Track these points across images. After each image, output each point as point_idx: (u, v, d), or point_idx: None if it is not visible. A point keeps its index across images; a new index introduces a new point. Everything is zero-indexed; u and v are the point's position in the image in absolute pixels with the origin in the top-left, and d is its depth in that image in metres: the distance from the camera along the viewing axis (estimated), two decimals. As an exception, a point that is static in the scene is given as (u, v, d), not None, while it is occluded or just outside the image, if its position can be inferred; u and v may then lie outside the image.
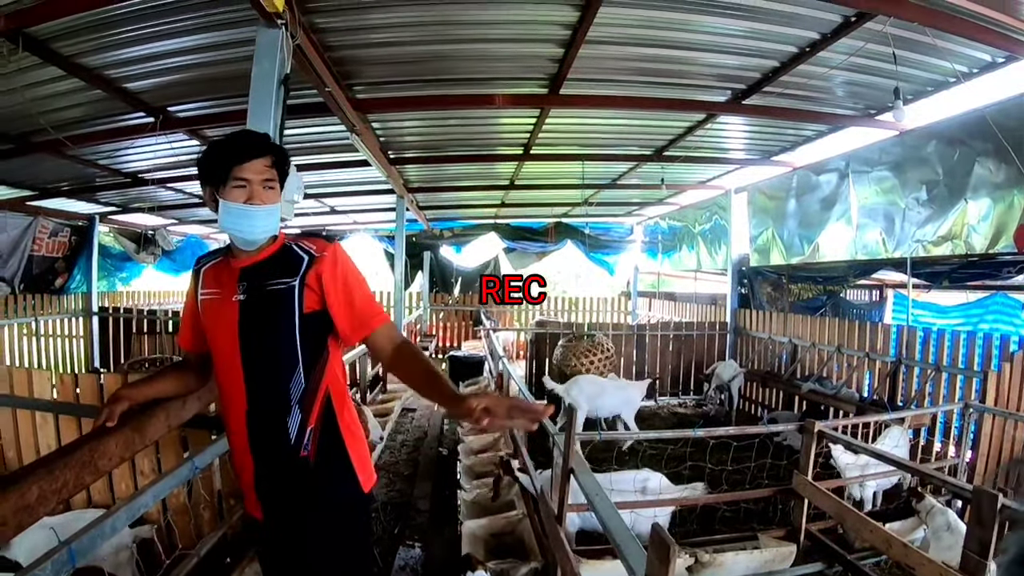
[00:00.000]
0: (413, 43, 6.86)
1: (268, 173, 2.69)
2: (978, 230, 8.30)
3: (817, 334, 11.71)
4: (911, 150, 9.35)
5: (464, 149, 11.68)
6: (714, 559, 5.46)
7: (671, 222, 19.52)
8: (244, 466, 2.79)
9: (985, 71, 7.37)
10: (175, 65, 6.95)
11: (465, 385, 11.54)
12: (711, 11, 6.21)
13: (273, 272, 2.73)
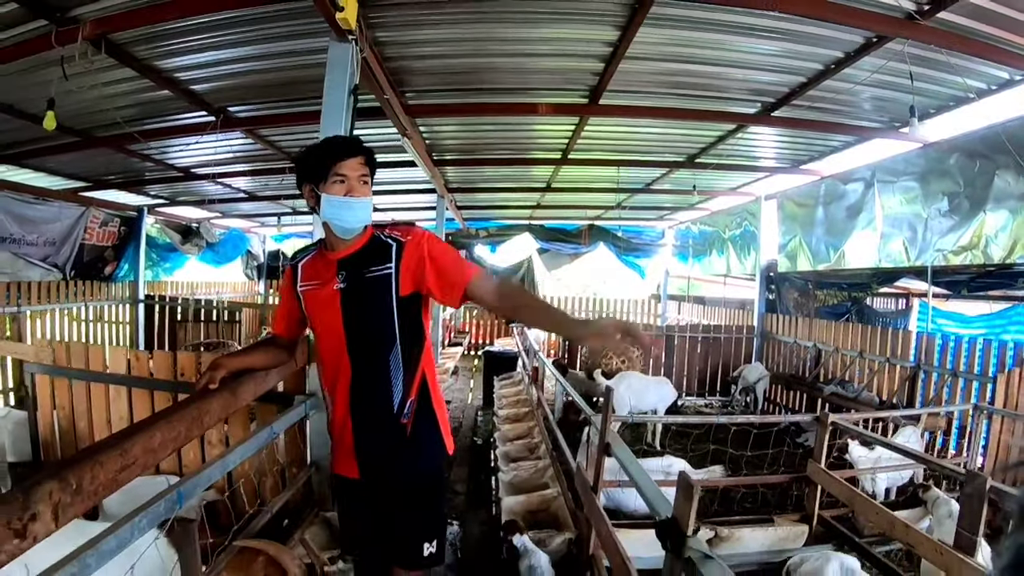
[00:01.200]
0: (461, 56, 7.35)
1: (363, 170, 3.10)
2: (996, 241, 8.56)
3: (841, 339, 12.02)
4: (934, 162, 9.61)
5: (501, 152, 12.10)
6: (732, 533, 5.95)
7: (702, 227, 19.66)
8: (345, 431, 3.18)
9: (1003, 88, 7.71)
10: (238, 71, 7.46)
11: (499, 380, 11.87)
12: (742, 32, 6.64)
13: (369, 261, 3.13)
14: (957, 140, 9.14)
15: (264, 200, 16.21)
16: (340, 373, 3.16)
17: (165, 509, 3.05)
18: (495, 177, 14.90)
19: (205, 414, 3.28)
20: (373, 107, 7.62)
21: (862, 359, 11.26)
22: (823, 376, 12.24)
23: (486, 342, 20.77)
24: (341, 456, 3.25)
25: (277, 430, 4.53)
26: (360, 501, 3.28)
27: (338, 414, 3.21)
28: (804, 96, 8.30)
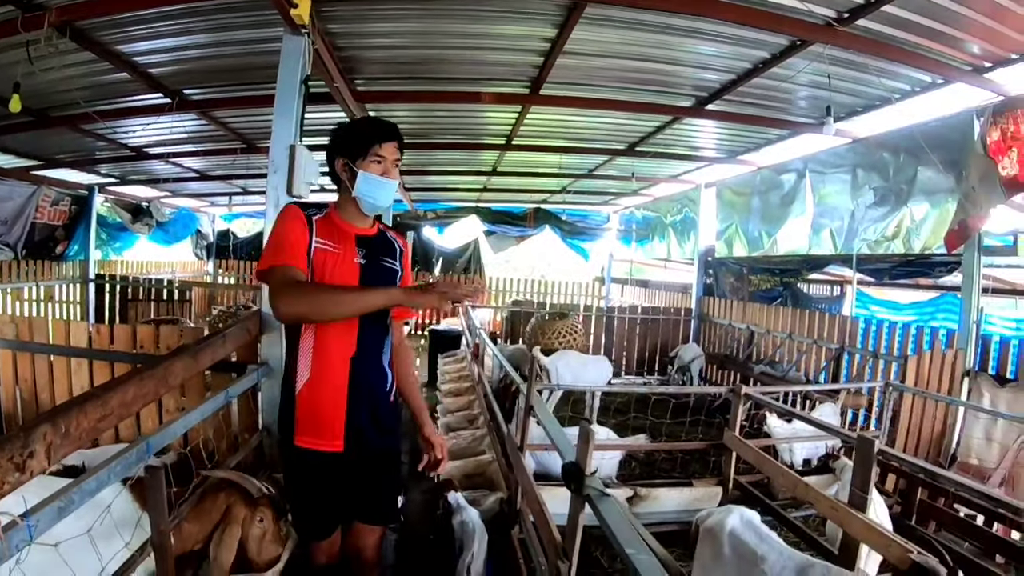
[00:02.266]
0: (410, 47, 7.74)
1: (397, 155, 3.33)
2: (917, 232, 9.08)
3: (772, 322, 12.61)
4: (862, 156, 10.15)
5: (450, 137, 12.40)
6: (650, 493, 6.48)
7: (645, 212, 20.16)
8: (337, 405, 3.25)
9: (927, 90, 8.27)
10: (196, 56, 7.74)
11: (444, 357, 12.18)
12: (674, 32, 7.09)
13: (383, 250, 3.46)
14: (884, 137, 9.68)
15: (215, 180, 16.28)
16: (344, 346, 3.27)
17: (136, 457, 3.35)
18: (444, 161, 15.16)
19: (170, 374, 3.67)
20: (323, 93, 7.89)
21: (791, 340, 11.83)
22: (755, 356, 12.80)
23: (432, 322, 20.94)
24: (321, 430, 3.26)
25: (232, 395, 4.85)
26: (335, 474, 3.33)
27: (330, 386, 3.26)
28: (735, 92, 8.78)
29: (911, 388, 7.89)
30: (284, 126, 5.54)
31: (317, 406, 3.26)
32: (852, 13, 6.40)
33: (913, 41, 6.92)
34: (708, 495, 6.72)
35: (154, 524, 3.29)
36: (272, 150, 5.49)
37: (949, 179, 8.32)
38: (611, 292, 23.60)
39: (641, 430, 8.04)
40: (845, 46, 6.80)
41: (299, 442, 3.26)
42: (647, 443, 7.48)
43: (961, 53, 7.16)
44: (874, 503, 4.85)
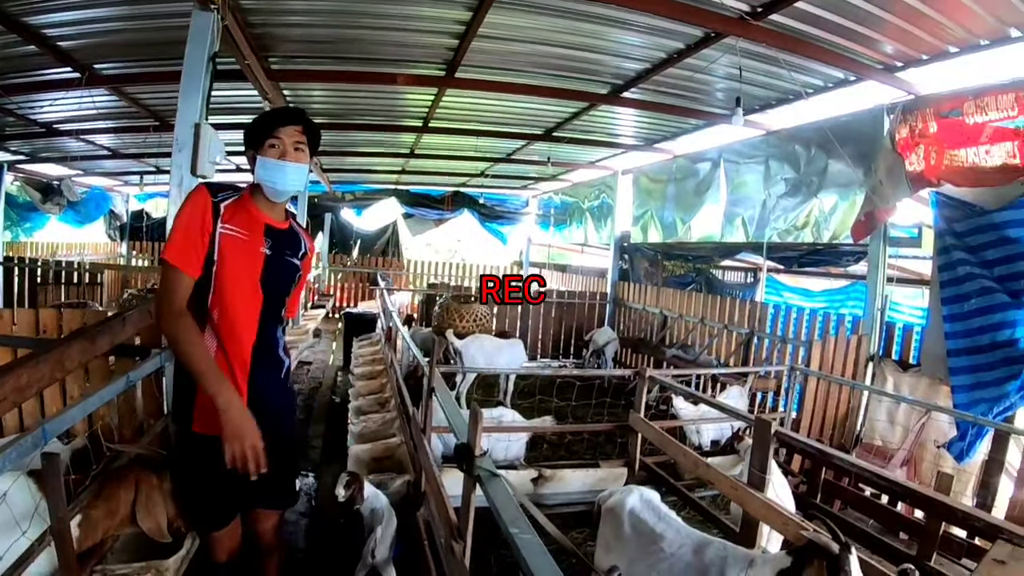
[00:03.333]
0: (326, 26, 7.67)
1: (299, 137, 3.29)
2: (826, 222, 9.40)
3: (685, 307, 12.90)
4: (776, 148, 10.45)
5: (369, 118, 12.36)
6: (555, 474, 6.59)
7: (563, 197, 20.43)
8: (237, 390, 3.16)
9: (839, 86, 8.55)
10: (107, 29, 7.57)
11: (359, 340, 12.16)
12: (588, 19, 7.16)
13: (289, 245, 3.46)
14: (797, 130, 10.00)
15: (128, 158, 15.84)
16: (245, 332, 3.29)
17: (32, 444, 3.28)
18: (363, 142, 15.08)
19: (67, 358, 3.59)
20: (236, 70, 7.78)
21: (703, 325, 12.10)
22: (668, 340, 13.08)
23: (350, 304, 20.81)
24: (215, 414, 3.08)
25: (133, 379, 4.73)
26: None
27: (231, 375, 3.21)
28: (651, 81, 8.93)
29: (815, 372, 8.09)
30: (190, 104, 5.40)
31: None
32: (766, 8, 6.54)
33: (826, 38, 7.13)
34: (614, 476, 6.83)
35: (53, 512, 3.24)
36: (177, 128, 5.35)
37: (858, 172, 8.62)
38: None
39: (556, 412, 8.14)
40: (758, 40, 6.96)
41: (197, 428, 3.25)
42: (552, 425, 7.63)
43: (874, 52, 7.41)
44: (773, 483, 4.98)
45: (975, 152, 6.80)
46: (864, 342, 8.58)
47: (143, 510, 3.66)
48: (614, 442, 8.48)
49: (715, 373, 9.90)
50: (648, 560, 3.84)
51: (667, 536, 3.86)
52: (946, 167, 7.14)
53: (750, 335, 10.73)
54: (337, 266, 22.61)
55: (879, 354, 8.59)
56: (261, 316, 3.34)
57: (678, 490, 6.54)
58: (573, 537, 5.97)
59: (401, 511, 5.20)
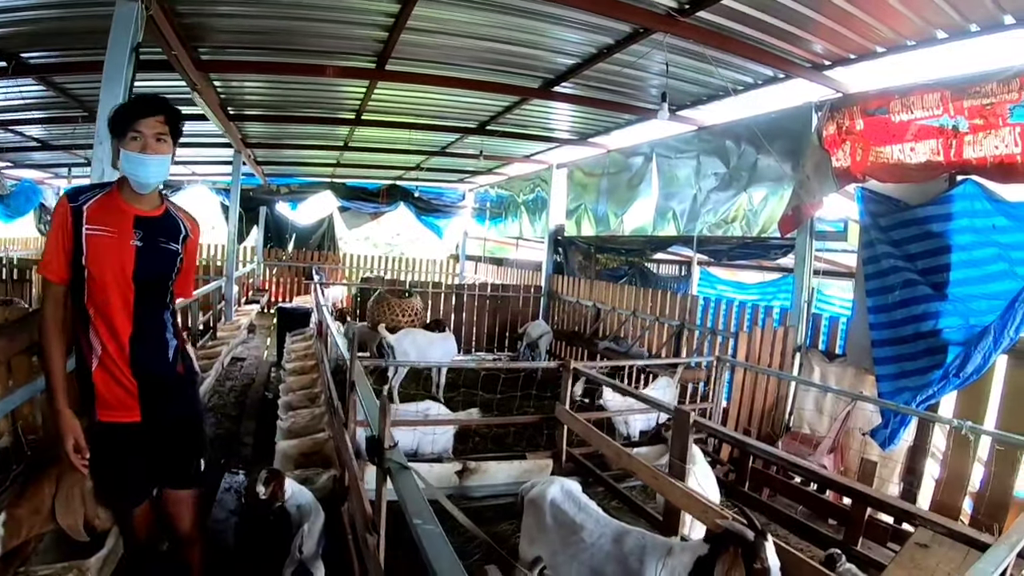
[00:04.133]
0: (257, 16, 7.56)
1: (160, 128, 3.29)
2: (755, 216, 9.56)
3: (618, 300, 12.96)
4: (706, 144, 10.59)
5: (303, 110, 12.29)
6: (479, 466, 6.64)
7: (499, 191, 20.44)
8: (123, 377, 3.36)
9: (768, 83, 8.70)
10: (33, 17, 7.35)
11: (292, 336, 12.06)
12: (516, 14, 7.19)
13: (163, 231, 3.47)
14: (727, 125, 10.14)
15: (58, 150, 15.60)
16: (119, 323, 3.35)
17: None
18: (298, 134, 15.01)
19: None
20: (163, 60, 7.69)
21: (635, 317, 12.17)
22: (601, 332, 13.13)
23: (285, 299, 20.60)
24: (113, 403, 3.37)
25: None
26: (135, 442, 3.44)
27: (114, 364, 3.35)
28: (582, 76, 8.99)
29: (741, 362, 8.21)
30: (111, 96, 5.26)
31: (110, 382, 3.37)
32: (693, 4, 6.58)
33: (755, 36, 7.23)
34: (539, 467, 6.92)
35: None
36: (98, 122, 5.26)
37: (787, 168, 8.75)
38: (465, 269, 23.75)
39: (487, 405, 8.16)
40: (686, 36, 7.04)
41: (101, 416, 3.37)
42: (478, 418, 7.64)
43: (803, 51, 7.53)
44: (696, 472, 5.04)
45: (900, 149, 6.94)
46: (791, 333, 8.72)
47: (62, 506, 3.64)
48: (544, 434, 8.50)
49: (643, 364, 9.95)
50: (570, 550, 3.88)
51: (587, 526, 3.91)
52: (872, 163, 7.29)
53: (681, 327, 10.84)
54: (272, 260, 22.36)
55: (806, 345, 8.72)
56: (135, 306, 3.39)
57: (603, 480, 6.60)
58: (503, 529, 6.02)
59: (328, 506, 5.19)
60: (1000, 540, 3.12)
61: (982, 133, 6.15)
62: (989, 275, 6.38)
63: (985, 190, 6.34)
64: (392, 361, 9.40)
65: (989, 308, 6.30)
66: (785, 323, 8.97)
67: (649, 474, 4.85)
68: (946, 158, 6.46)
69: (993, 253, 6.33)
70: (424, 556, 2.30)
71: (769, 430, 8.43)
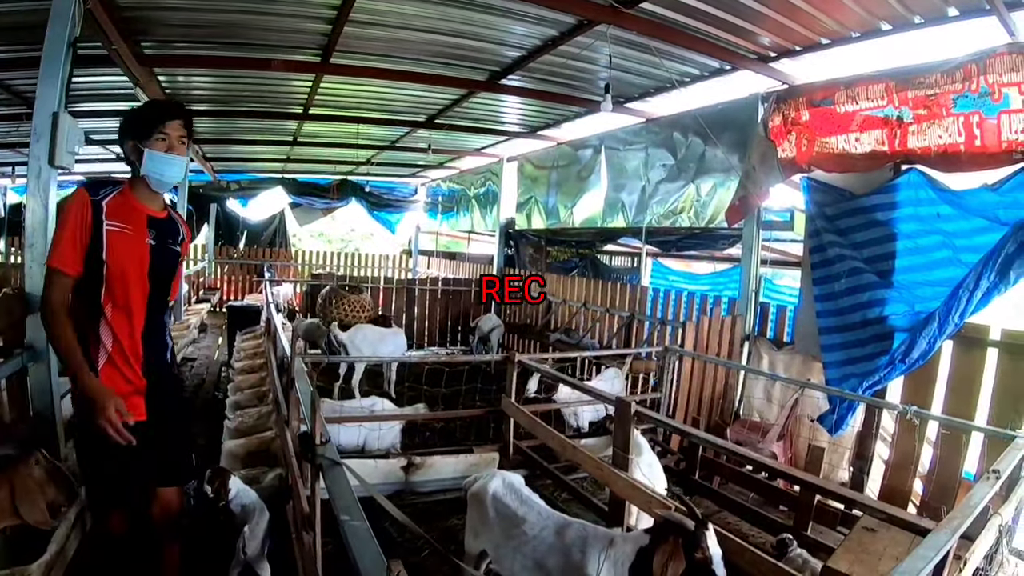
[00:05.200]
0: (200, 9, 7.43)
1: (182, 131, 3.49)
2: (703, 208, 9.58)
3: (568, 292, 13.01)
4: (655, 136, 10.62)
5: (251, 105, 12.16)
6: (425, 461, 6.63)
7: (451, 185, 20.43)
8: (134, 375, 3.46)
9: (715, 75, 8.79)
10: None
11: (242, 334, 11.95)
12: (460, 5, 7.16)
13: (170, 233, 3.63)
14: (675, 117, 10.19)
15: (4, 148, 15.22)
16: (136, 322, 3.46)
17: None
18: (247, 129, 14.84)
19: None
20: (103, 55, 7.57)
21: (586, 309, 12.20)
22: (552, 325, 13.19)
23: (237, 298, 20.38)
24: (125, 402, 3.26)
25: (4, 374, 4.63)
26: (143, 444, 3.35)
27: (124, 360, 3.43)
28: (528, 68, 8.99)
29: (688, 352, 8.24)
30: (48, 91, 5.16)
31: (118, 379, 3.40)
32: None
33: (701, 28, 7.28)
34: (486, 461, 6.90)
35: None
36: (35, 117, 5.12)
37: (733, 159, 8.81)
38: (418, 264, 23.73)
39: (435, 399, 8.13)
40: (630, 28, 7.04)
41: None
42: (424, 412, 7.61)
43: (749, 43, 7.60)
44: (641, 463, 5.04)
45: (846, 139, 7.02)
46: (739, 322, 8.78)
47: (25, 505, 3.56)
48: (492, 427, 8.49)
49: (593, 356, 9.97)
50: (512, 543, 3.87)
51: (529, 519, 3.90)
52: (817, 154, 7.35)
53: (631, 318, 10.87)
54: (223, 258, 22.06)
55: (754, 333, 8.78)
56: (148, 305, 3.51)
57: (550, 472, 6.60)
58: (453, 524, 6.01)
59: (274, 505, 5.14)
60: (941, 525, 3.13)
61: (926, 123, 6.23)
62: (934, 262, 6.46)
63: (929, 179, 6.40)
64: (337, 357, 9.38)
65: (934, 295, 6.36)
66: (733, 312, 9.01)
67: (593, 465, 4.85)
68: (891, 148, 6.53)
69: (937, 241, 6.40)
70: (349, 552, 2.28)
71: (719, 419, 8.47)
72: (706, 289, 13.16)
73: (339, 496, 2.69)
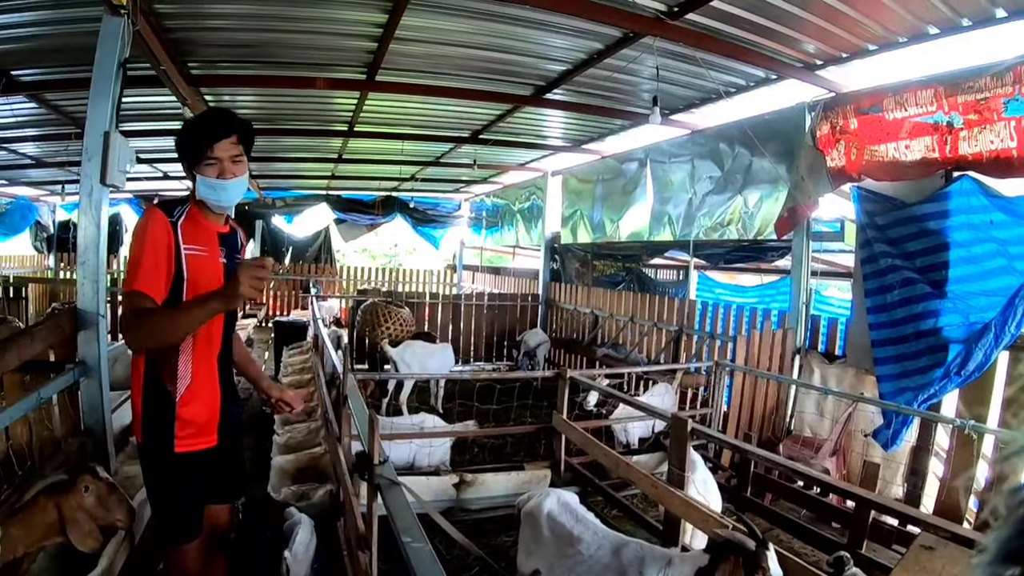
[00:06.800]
0: (245, 30, 7.54)
1: (235, 150, 3.21)
2: (751, 219, 9.48)
3: (615, 306, 12.90)
4: (700, 147, 10.55)
5: (297, 123, 12.28)
6: (477, 478, 6.57)
7: (495, 200, 20.43)
8: (210, 402, 3.34)
9: (760, 85, 8.69)
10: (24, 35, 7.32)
11: (289, 349, 12.01)
12: (505, 21, 7.17)
13: (234, 246, 3.47)
14: (721, 128, 10.09)
15: (52, 167, 15.33)
16: (213, 345, 3.36)
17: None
18: (292, 147, 14.98)
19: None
20: (152, 76, 7.60)
21: (633, 324, 12.10)
22: (599, 339, 13.10)
23: (283, 313, 20.50)
24: (196, 429, 3.28)
25: (45, 395, 4.63)
26: (208, 468, 3.38)
27: (204, 384, 3.32)
28: (573, 82, 8.97)
29: (739, 366, 8.15)
30: (99, 112, 5.23)
31: (199, 408, 3.29)
32: (682, 7, 6.56)
33: (746, 37, 7.20)
34: (538, 478, 6.87)
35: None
36: (86, 138, 5.19)
37: (781, 169, 8.70)
38: (463, 279, 23.67)
39: (484, 416, 8.12)
40: (676, 39, 7.01)
41: (181, 448, 3.24)
42: (474, 429, 7.58)
43: (794, 51, 7.50)
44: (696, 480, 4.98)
45: (895, 147, 6.91)
46: (790, 336, 8.66)
47: (74, 532, 3.58)
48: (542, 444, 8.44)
49: (641, 371, 9.89)
50: (567, 563, 3.83)
51: (585, 538, 3.85)
52: (867, 162, 7.25)
53: (679, 332, 10.77)
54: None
55: (805, 347, 8.66)
56: (225, 327, 3.43)
57: (602, 490, 6.55)
58: (502, 541, 5.97)
59: (325, 522, 5.12)
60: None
61: (977, 128, 6.11)
62: (988, 271, 6.32)
63: (981, 186, 6.29)
64: (387, 374, 9.36)
65: (989, 304, 6.24)
66: (784, 325, 8.90)
67: (648, 483, 4.79)
68: (941, 154, 6.42)
69: (991, 249, 6.27)
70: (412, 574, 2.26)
71: (770, 434, 8.37)
72: (753, 302, 13.04)
73: (399, 516, 2.67)
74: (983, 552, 0.85)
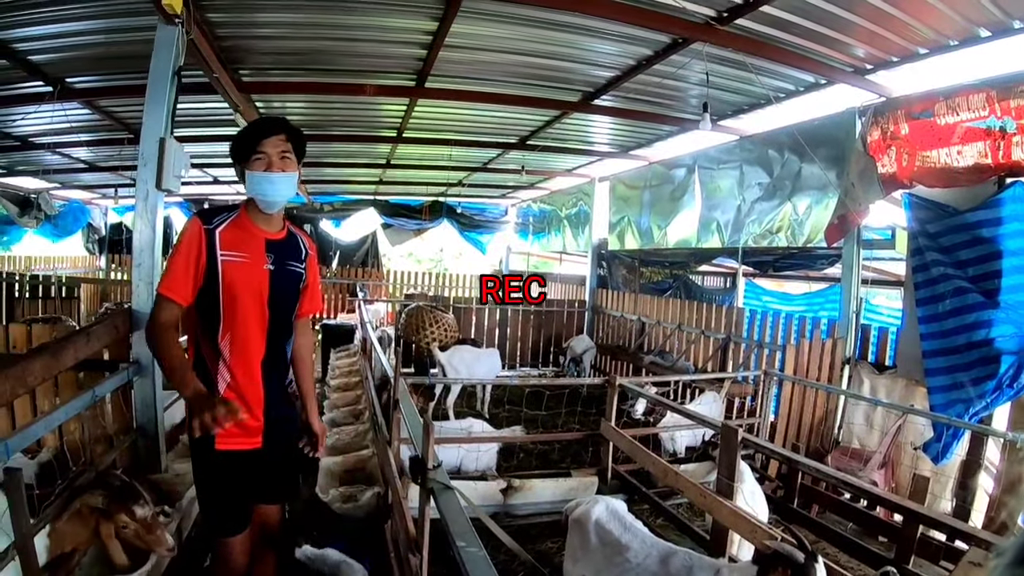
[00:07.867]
0: (296, 38, 7.66)
1: (284, 146, 3.34)
2: (799, 226, 9.36)
3: (662, 313, 12.83)
4: (748, 153, 10.45)
5: (345, 129, 12.37)
6: (524, 484, 6.59)
7: (542, 205, 20.42)
8: (256, 403, 3.40)
9: (810, 90, 8.59)
10: (79, 43, 7.45)
11: (336, 352, 12.10)
12: (554, 28, 7.17)
13: (290, 253, 3.52)
14: (769, 134, 9.97)
15: (105, 171, 15.58)
16: (254, 349, 3.40)
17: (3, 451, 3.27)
18: (340, 153, 15.07)
19: (28, 374, 3.57)
20: (204, 83, 7.72)
21: (680, 331, 12.03)
22: (646, 346, 13.06)
23: (330, 316, 20.60)
24: (236, 431, 3.29)
25: (99, 394, 4.75)
26: (254, 468, 3.46)
27: (248, 387, 3.39)
28: (621, 88, 8.95)
29: (788, 376, 8.08)
30: (155, 118, 5.37)
31: (241, 407, 3.21)
32: (731, 13, 6.53)
33: (795, 42, 7.14)
34: (585, 485, 6.86)
35: (16, 526, 3.23)
36: (142, 143, 5.34)
37: (831, 176, 8.57)
38: (510, 284, 23.44)
39: (531, 422, 8.13)
40: (725, 45, 6.97)
41: (221, 446, 3.33)
42: (521, 434, 7.59)
43: (843, 55, 7.42)
44: (744, 490, 4.94)
45: (947, 153, 6.80)
46: (839, 345, 8.54)
47: (111, 553, 3.64)
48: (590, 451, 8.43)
49: (688, 379, 9.85)
50: (614, 570, 3.82)
51: (633, 546, 3.84)
52: (918, 168, 7.15)
53: (726, 340, 10.71)
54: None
55: (855, 357, 8.54)
56: (269, 335, 3.44)
57: (649, 498, 6.52)
58: (548, 547, 5.97)
59: (372, 523, 5.20)
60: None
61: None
62: (1042, 281, 6.23)
63: (1035, 192, 6.20)
64: (436, 379, 9.39)
65: (1043, 315, 6.14)
66: (833, 335, 8.75)
67: (696, 492, 4.77)
68: (994, 160, 6.31)
69: (1046, 258, 6.18)
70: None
71: (818, 445, 8.26)
72: (801, 310, 12.92)
73: (453, 521, 2.70)
74: (1001, 555, 0.92)
